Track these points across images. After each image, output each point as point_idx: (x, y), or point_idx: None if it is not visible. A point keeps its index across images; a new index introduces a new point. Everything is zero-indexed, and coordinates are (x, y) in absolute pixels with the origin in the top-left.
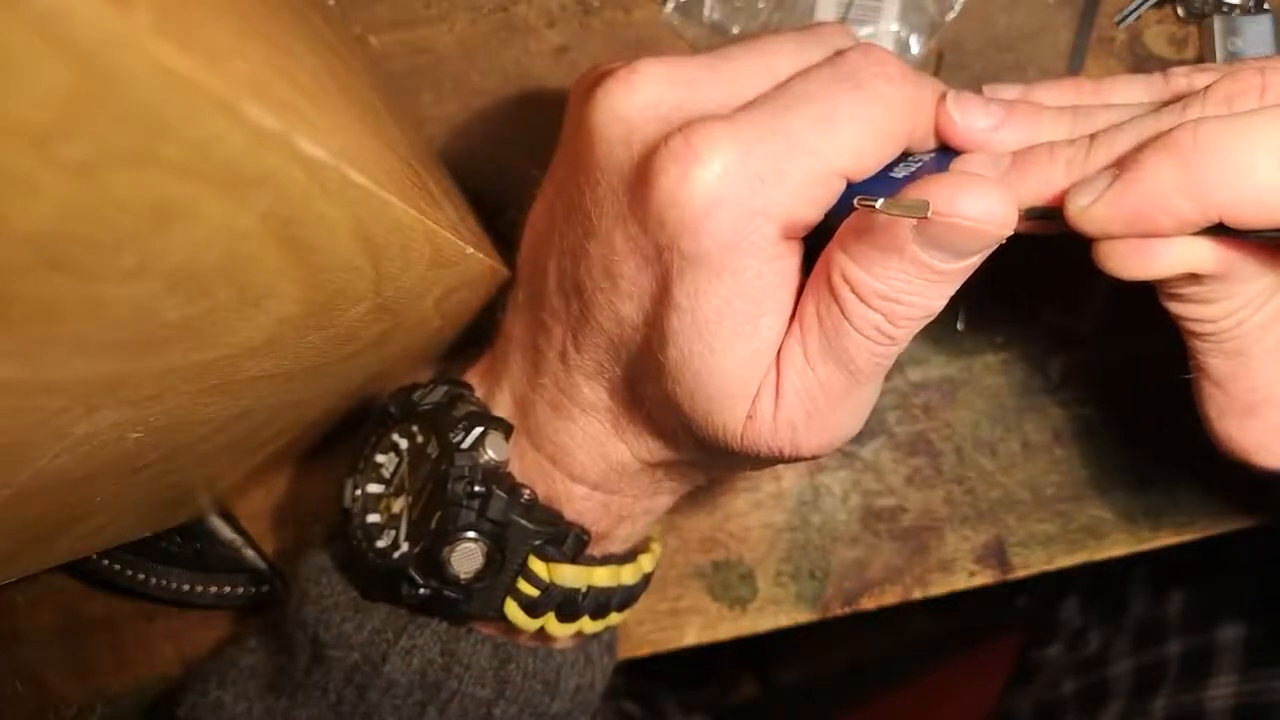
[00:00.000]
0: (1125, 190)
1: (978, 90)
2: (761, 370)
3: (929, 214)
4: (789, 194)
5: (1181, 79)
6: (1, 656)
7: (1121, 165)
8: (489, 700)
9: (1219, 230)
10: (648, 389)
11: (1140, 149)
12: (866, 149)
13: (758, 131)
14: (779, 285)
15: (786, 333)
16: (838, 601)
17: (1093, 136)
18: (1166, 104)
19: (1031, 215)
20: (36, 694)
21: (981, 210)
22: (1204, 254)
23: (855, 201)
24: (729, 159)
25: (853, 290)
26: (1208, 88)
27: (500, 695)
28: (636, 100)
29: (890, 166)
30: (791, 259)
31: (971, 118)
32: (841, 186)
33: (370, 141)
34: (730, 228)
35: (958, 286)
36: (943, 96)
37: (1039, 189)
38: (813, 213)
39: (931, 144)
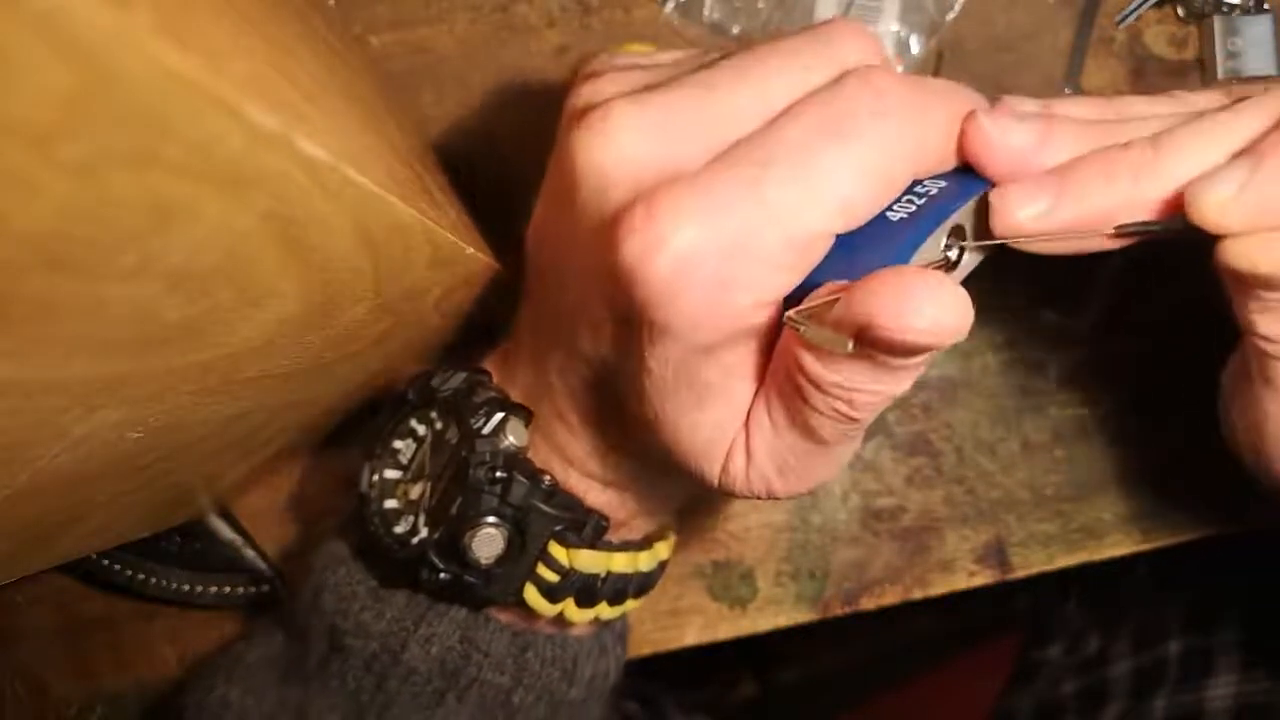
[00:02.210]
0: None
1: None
2: (734, 429)
3: (849, 350)
4: (762, 266)
5: (1199, 99)
6: (1, 656)
7: (1256, 154)
8: (508, 687)
9: None
10: (632, 423)
11: (1275, 134)
12: (855, 203)
13: (728, 198)
14: (752, 350)
15: (755, 395)
16: (838, 601)
17: (1152, 139)
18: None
19: (1122, 232)
20: (36, 694)
21: (929, 322)
22: None
23: (784, 318)
24: (694, 234)
25: (809, 381)
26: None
27: (519, 682)
28: (611, 155)
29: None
30: (768, 322)
31: (1010, 136)
32: (827, 245)
33: (370, 141)
34: (697, 304)
35: (921, 373)
36: (972, 113)
37: (1106, 202)
38: (791, 279)
39: (945, 168)
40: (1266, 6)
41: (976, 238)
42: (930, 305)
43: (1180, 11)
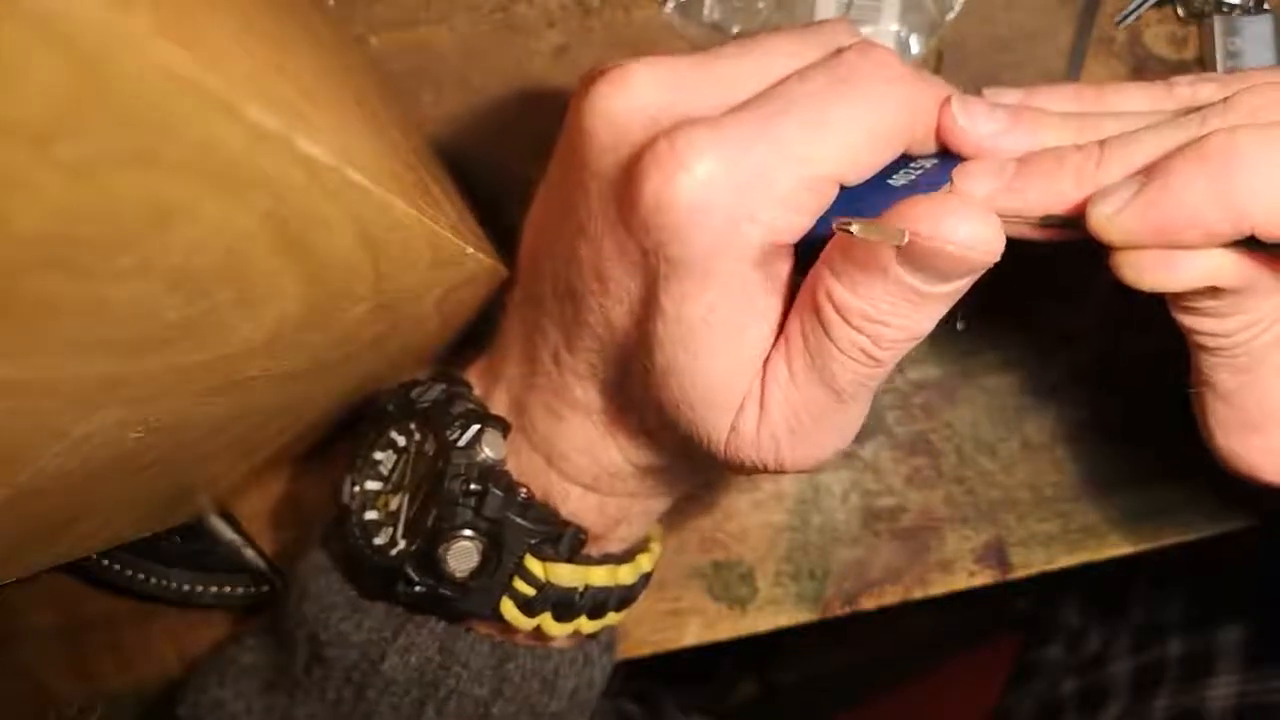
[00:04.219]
0: (1155, 199)
1: (978, 91)
2: (747, 380)
3: (904, 241)
4: (776, 201)
5: (1185, 88)
6: (1, 656)
7: (1149, 173)
8: (486, 699)
9: (1249, 244)
10: (637, 393)
11: (1170, 157)
12: (860, 154)
13: (745, 137)
14: (766, 293)
15: (773, 347)
16: (838, 601)
17: (1102, 144)
18: (1173, 114)
19: (1045, 223)
20: (36, 694)
21: (966, 235)
22: (1227, 266)
23: (834, 224)
24: (714, 165)
25: (837, 311)
26: (1227, 99)
27: (498, 694)
28: (627, 104)
29: (889, 172)
30: (780, 266)
31: (977, 122)
32: (834, 192)
33: (370, 141)
34: (715, 234)
35: (946, 310)
36: (946, 99)
37: (1046, 197)
38: (802, 220)
39: (933, 147)
40: (1266, 6)
41: None
42: (970, 221)
43: (1180, 11)
